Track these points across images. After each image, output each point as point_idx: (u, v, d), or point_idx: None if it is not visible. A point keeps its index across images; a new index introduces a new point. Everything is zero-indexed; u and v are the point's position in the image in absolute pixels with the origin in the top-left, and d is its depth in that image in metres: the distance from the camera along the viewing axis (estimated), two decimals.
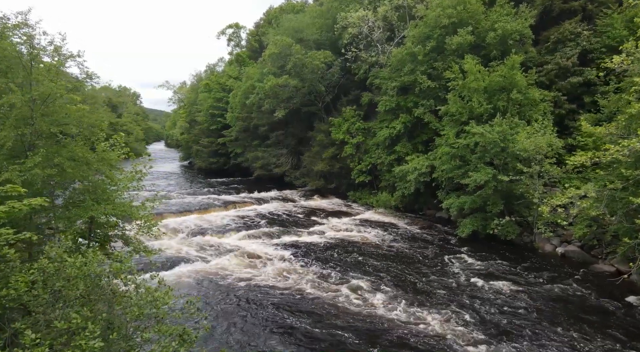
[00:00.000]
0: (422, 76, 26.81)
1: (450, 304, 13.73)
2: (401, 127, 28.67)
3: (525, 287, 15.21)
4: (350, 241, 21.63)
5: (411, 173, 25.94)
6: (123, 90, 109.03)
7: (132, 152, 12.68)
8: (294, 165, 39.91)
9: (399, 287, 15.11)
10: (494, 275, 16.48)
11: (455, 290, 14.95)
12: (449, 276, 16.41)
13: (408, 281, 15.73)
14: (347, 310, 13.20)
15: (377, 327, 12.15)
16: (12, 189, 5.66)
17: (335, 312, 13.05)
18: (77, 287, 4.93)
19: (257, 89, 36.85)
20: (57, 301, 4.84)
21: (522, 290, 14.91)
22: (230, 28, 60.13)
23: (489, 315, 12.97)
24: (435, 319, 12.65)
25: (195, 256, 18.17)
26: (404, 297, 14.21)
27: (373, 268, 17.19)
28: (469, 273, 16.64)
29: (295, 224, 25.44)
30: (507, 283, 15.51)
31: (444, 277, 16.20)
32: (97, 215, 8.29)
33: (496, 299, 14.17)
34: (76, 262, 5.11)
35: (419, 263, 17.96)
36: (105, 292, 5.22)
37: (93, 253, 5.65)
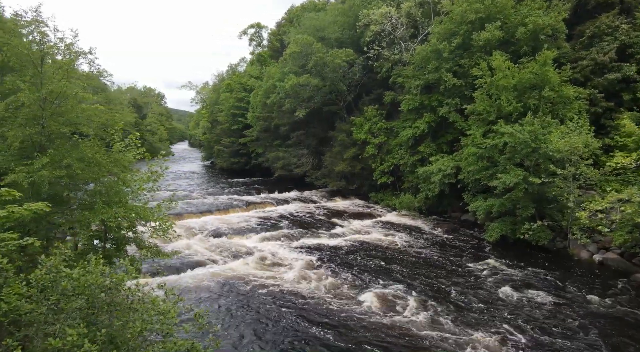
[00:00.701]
0: (447, 74, 25.86)
1: (482, 317, 12.91)
2: (425, 126, 27.76)
3: (563, 299, 14.18)
4: (372, 244, 20.95)
5: (435, 174, 25.04)
6: (148, 90, 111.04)
7: (148, 152, 12.47)
8: (315, 166, 39.40)
9: (426, 296, 14.36)
10: (527, 284, 15.51)
11: (487, 300, 14.09)
12: (478, 284, 15.54)
13: (435, 290, 14.95)
14: (372, 321, 12.57)
15: (403, 341, 11.48)
16: (7, 193, 5.36)
17: (358, 322, 12.44)
18: (75, 301, 4.55)
19: (278, 88, 36.56)
20: (53, 316, 4.47)
21: (560, 302, 13.87)
22: (252, 28, 60.19)
23: (527, 333, 12.06)
24: (468, 334, 11.87)
25: (214, 258, 17.88)
26: (431, 307, 13.47)
27: (397, 274, 16.49)
28: (500, 281, 15.73)
29: (315, 225, 24.93)
30: (542, 293, 14.52)
31: (473, 286, 15.34)
32: (107, 218, 7.98)
33: (533, 312, 13.21)
34: (73, 274, 4.73)
35: (445, 269, 17.13)
36: (106, 305, 4.81)
37: (95, 262, 5.26)
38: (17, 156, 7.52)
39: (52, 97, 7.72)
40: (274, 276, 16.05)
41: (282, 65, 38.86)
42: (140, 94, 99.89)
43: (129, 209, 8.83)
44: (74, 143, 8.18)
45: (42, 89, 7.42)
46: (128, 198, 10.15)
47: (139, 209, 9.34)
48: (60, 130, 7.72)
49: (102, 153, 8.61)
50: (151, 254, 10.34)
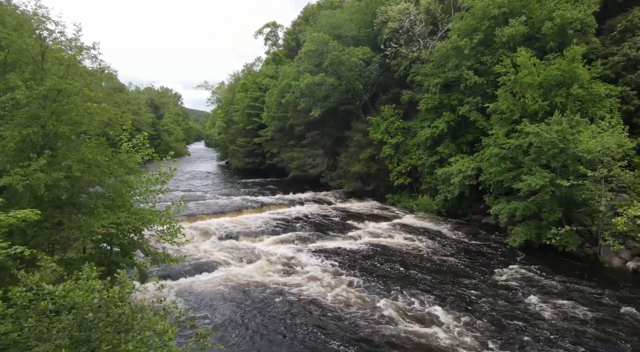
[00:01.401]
0: (468, 71, 24.89)
1: (512, 330, 12.04)
2: (444, 126, 26.84)
3: (597, 311, 13.12)
4: (389, 248, 20.19)
5: (455, 175, 24.11)
6: (165, 91, 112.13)
7: (164, 152, 12.05)
8: (330, 166, 38.75)
9: (449, 305, 13.56)
10: (556, 293, 14.55)
11: (516, 312, 13.18)
12: (504, 293, 14.63)
13: (459, 298, 14.12)
14: (391, 333, 11.83)
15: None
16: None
17: (377, 333, 11.74)
18: (59, 322, 4.04)
19: (293, 87, 36.05)
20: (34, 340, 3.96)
21: (597, 316, 12.78)
22: (268, 27, 59.90)
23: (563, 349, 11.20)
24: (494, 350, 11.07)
25: (225, 261, 17.41)
26: (455, 318, 12.67)
27: (416, 281, 15.72)
28: (527, 290, 14.80)
29: (330, 228, 24.28)
30: (574, 304, 13.50)
31: (499, 295, 14.44)
32: (109, 224, 7.51)
33: (566, 326, 12.25)
34: (56, 291, 4.22)
35: (468, 276, 16.26)
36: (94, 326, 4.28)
37: (88, 273, 4.75)
38: (15, 157, 7.11)
39: (53, 95, 7.29)
40: (288, 281, 15.46)
41: (297, 64, 38.37)
42: (157, 94, 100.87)
43: (133, 213, 8.35)
44: (74, 143, 7.74)
45: (41, 86, 7.00)
46: (134, 201, 9.70)
47: (144, 213, 8.86)
48: (60, 130, 7.28)
49: (106, 154, 8.13)
50: (157, 260, 9.87)
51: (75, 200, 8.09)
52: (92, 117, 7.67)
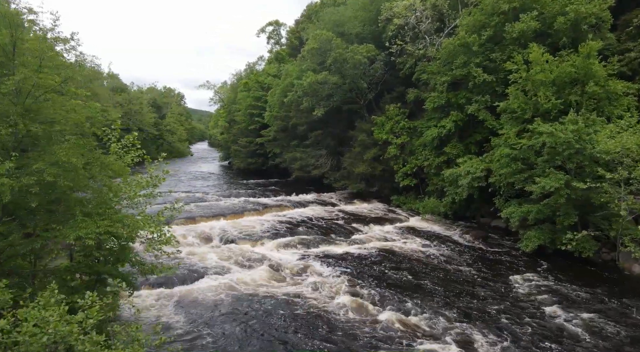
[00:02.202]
0: (477, 69, 23.98)
1: (529, 346, 11.18)
2: (451, 126, 25.94)
3: (622, 326, 12.14)
4: (396, 253, 19.35)
5: (463, 177, 23.22)
6: (168, 91, 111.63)
7: (166, 152, 11.29)
8: (334, 167, 37.91)
9: (458, 316, 12.72)
10: (575, 303, 13.66)
11: (534, 324, 12.28)
12: (519, 302, 13.76)
13: (469, 309, 13.28)
14: (395, 347, 11.02)
15: None
16: None
17: (381, 346, 10.92)
18: None
19: (296, 86, 35.26)
20: None
21: (621, 331, 11.89)
22: (270, 25, 59.14)
23: None
24: None
25: (225, 267, 16.64)
26: (467, 332, 11.82)
27: (426, 290, 14.86)
28: (544, 299, 13.92)
29: (334, 231, 23.47)
30: (603, 319, 12.46)
31: (513, 304, 13.57)
32: (86, 234, 6.74)
33: (591, 342, 11.38)
34: None
35: (480, 285, 15.36)
36: None
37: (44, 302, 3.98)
38: None
39: (26, 90, 6.53)
40: (291, 290, 14.65)
41: (300, 63, 37.57)
42: (160, 94, 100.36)
43: (116, 221, 7.57)
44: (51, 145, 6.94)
45: (10, 80, 6.25)
46: (121, 207, 8.94)
47: (130, 221, 8.08)
48: (33, 130, 6.52)
49: (87, 156, 7.32)
50: (145, 271, 9.09)
51: (51, 207, 7.32)
52: (68, 115, 6.89)
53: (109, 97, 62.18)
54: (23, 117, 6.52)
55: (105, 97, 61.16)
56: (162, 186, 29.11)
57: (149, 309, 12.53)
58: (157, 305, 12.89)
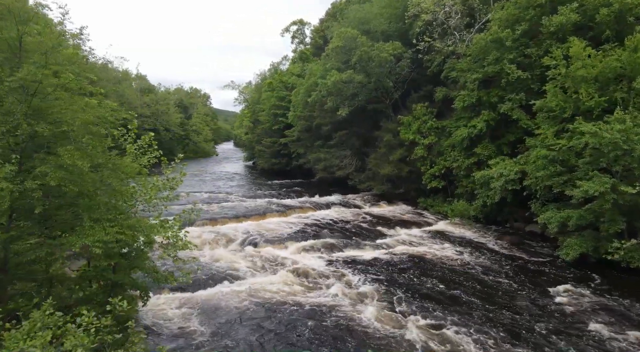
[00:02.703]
0: (511, 66, 22.72)
1: None
2: (483, 125, 24.73)
3: None
4: (425, 259, 18.45)
5: (496, 180, 22.04)
6: (194, 91, 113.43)
7: (193, 152, 10.87)
8: (358, 168, 37.11)
9: (496, 332, 11.77)
10: (624, 319, 12.47)
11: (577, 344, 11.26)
12: (563, 318, 12.65)
13: (506, 324, 12.29)
14: None
15: None
16: None
17: None
18: None
19: (320, 86, 34.67)
20: None
21: None
22: (295, 25, 58.79)
23: None
24: None
25: (246, 271, 16.20)
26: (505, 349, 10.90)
27: (458, 300, 13.94)
28: (589, 315, 12.77)
29: (358, 234, 22.74)
30: None
31: (556, 321, 12.46)
32: (93, 243, 6.32)
33: None
34: None
35: (517, 296, 14.28)
36: None
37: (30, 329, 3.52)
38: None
39: (33, 88, 6.17)
40: (315, 298, 14.03)
41: (324, 62, 36.95)
42: (186, 94, 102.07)
43: (128, 227, 7.14)
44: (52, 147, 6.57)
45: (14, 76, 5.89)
46: (135, 211, 8.55)
47: (142, 227, 7.65)
48: (39, 130, 6.15)
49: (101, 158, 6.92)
50: (159, 280, 8.66)
51: (58, 213, 6.95)
52: (75, 114, 6.50)
53: (137, 97, 63.42)
54: (28, 116, 6.16)
55: (134, 97, 62.44)
56: (185, 187, 28.95)
57: (169, 315, 12.16)
58: (178, 312, 12.50)
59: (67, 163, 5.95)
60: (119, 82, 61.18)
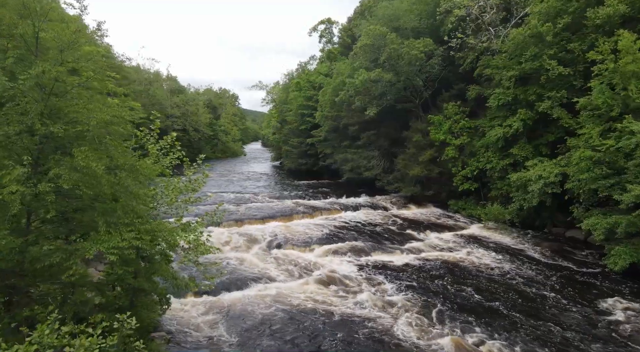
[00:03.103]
0: (551, 61, 21.44)
1: None
2: (519, 125, 23.49)
3: None
4: (457, 265, 17.58)
5: (534, 182, 20.84)
6: (223, 92, 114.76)
7: (221, 152, 10.65)
8: (386, 169, 36.28)
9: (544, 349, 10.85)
10: None
11: None
12: (619, 340, 11.56)
13: (554, 342, 11.24)
14: None
15: None
16: None
17: None
18: None
19: (347, 85, 34.05)
20: None
21: None
22: (322, 24, 58.27)
23: None
24: None
25: (271, 274, 15.83)
26: None
27: (496, 312, 13.04)
28: None
29: (387, 238, 22.02)
30: None
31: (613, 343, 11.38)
32: (107, 249, 6.01)
33: None
34: None
35: (563, 310, 13.20)
36: None
37: None
38: None
39: (49, 86, 5.93)
40: (341, 303, 13.49)
41: (351, 61, 36.28)
42: (215, 95, 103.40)
43: (145, 231, 6.82)
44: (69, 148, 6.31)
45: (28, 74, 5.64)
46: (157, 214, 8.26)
47: (161, 231, 7.32)
48: (54, 131, 5.90)
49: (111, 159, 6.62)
50: (179, 286, 8.33)
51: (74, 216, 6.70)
52: (91, 113, 6.21)
53: (167, 98, 64.63)
54: (44, 116, 5.93)
55: (164, 98, 63.66)
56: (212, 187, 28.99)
57: (194, 321, 11.89)
58: (203, 318, 12.20)
59: (80, 165, 5.68)
60: (150, 83, 62.50)
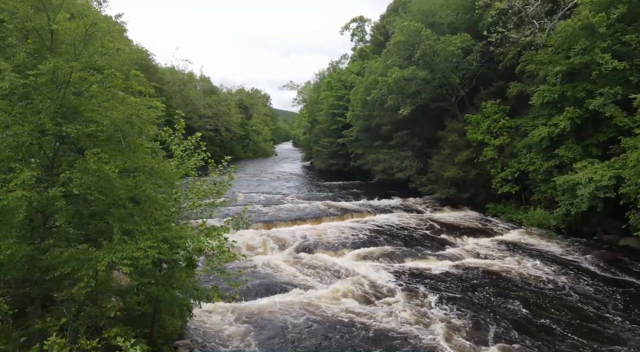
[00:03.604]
0: (604, 55, 19.76)
1: None
2: (566, 124, 21.82)
3: None
4: (499, 274, 16.38)
5: (584, 186, 19.26)
6: (255, 92, 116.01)
7: (252, 152, 10.18)
8: (420, 170, 35.04)
9: None
10: None
11: None
12: None
13: None
14: None
15: None
16: None
17: None
18: None
19: (380, 83, 33.12)
20: None
21: None
22: (355, 22, 57.39)
23: None
24: None
25: (301, 282, 15.24)
26: None
27: (548, 332, 11.78)
28: None
29: (421, 242, 21.01)
30: None
31: None
32: (119, 260, 5.51)
33: None
34: None
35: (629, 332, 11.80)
36: None
37: None
38: None
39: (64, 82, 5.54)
40: (373, 313, 12.70)
41: (384, 58, 35.26)
42: (247, 95, 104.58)
43: (162, 239, 6.31)
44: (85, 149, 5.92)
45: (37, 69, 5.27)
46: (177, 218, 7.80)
47: (180, 238, 6.82)
48: (68, 131, 5.51)
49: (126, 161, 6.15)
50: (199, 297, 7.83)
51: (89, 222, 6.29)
52: (105, 113, 5.77)
53: (200, 99, 65.65)
54: (58, 115, 5.55)
55: (197, 99, 64.70)
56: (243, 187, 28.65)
57: (220, 329, 11.44)
58: (230, 327, 11.71)
59: (92, 168, 5.25)
60: (184, 84, 63.66)
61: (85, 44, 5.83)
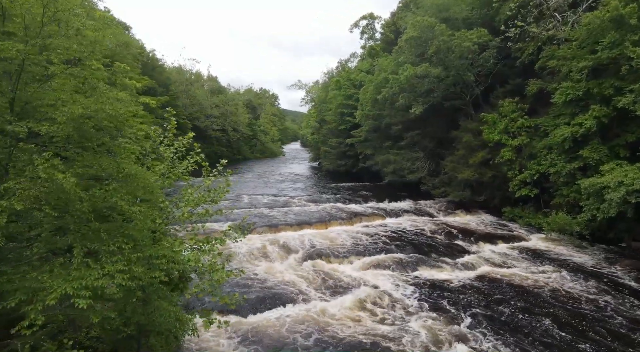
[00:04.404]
0: (635, 49, 18.29)
1: None
2: (592, 123, 20.39)
3: None
4: (522, 287, 15.04)
5: (612, 189, 17.82)
6: (263, 92, 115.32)
7: (260, 153, 9.10)
8: (432, 172, 33.70)
9: None
10: None
11: None
12: None
13: None
14: None
15: None
16: None
17: None
18: None
19: (391, 82, 31.84)
20: None
21: None
22: (364, 19, 56.13)
23: None
24: None
25: (304, 293, 14.09)
26: None
27: (575, 348, 10.61)
28: None
29: (434, 249, 19.74)
30: None
31: None
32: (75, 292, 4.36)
33: None
34: None
35: None
36: None
37: None
38: None
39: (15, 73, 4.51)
40: (387, 332, 11.49)
41: (396, 56, 33.97)
42: (255, 95, 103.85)
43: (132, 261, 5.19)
44: None
45: None
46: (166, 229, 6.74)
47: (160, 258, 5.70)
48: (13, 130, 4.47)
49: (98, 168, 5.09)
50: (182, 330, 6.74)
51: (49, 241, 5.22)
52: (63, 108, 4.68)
53: (207, 98, 64.85)
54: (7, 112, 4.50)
55: (204, 99, 63.91)
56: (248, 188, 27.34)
57: (218, 347, 10.35)
58: (229, 342, 10.64)
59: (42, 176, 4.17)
60: (191, 83, 62.92)
61: (42, 25, 4.77)
